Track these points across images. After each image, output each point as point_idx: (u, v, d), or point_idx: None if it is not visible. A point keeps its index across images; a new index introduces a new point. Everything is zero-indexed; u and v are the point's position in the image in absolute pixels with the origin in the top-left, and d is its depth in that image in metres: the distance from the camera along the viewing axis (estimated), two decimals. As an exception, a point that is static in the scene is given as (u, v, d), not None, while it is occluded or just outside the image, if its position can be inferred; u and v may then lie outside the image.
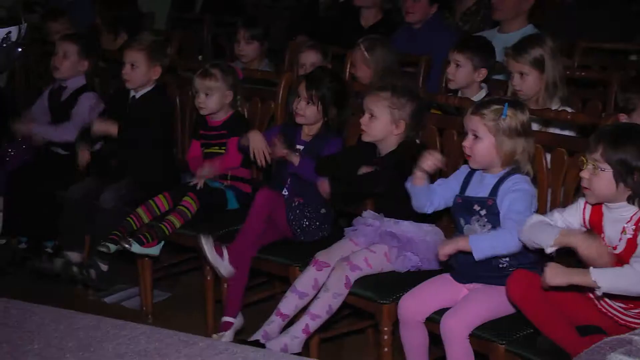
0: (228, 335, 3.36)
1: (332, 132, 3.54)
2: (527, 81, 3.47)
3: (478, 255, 2.72)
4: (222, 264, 3.41)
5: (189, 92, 4.20)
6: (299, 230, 3.45)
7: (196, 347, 1.44)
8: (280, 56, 4.92)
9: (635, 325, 2.47)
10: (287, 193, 3.54)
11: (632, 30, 4.91)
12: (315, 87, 3.50)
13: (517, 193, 2.77)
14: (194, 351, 1.43)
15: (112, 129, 3.93)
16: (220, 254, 3.41)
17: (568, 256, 2.63)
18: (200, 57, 5.40)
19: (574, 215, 2.65)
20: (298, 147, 3.55)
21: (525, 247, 2.72)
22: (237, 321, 3.41)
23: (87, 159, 4.07)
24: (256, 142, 3.57)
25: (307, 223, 3.44)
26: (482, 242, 2.73)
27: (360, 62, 4.17)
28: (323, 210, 3.47)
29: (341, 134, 3.55)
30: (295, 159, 3.47)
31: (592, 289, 2.45)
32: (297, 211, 3.44)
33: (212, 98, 3.81)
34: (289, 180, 3.55)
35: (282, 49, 4.91)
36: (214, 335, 3.36)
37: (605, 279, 2.40)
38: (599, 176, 2.47)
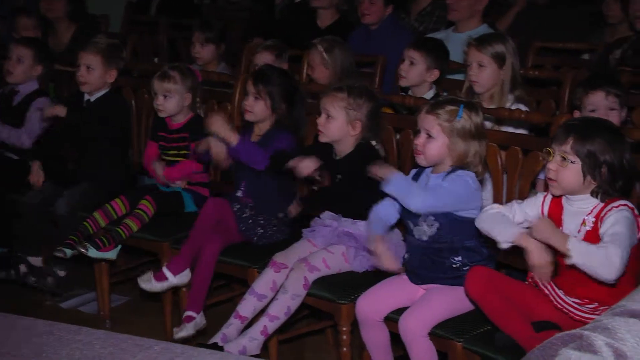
0: (189, 327, 3.31)
1: (283, 129, 3.49)
2: (484, 72, 3.52)
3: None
4: (174, 281, 3.43)
5: (144, 95, 4.18)
6: (255, 238, 3.44)
7: (152, 351, 1.43)
8: (236, 58, 4.91)
9: (589, 321, 2.50)
10: (242, 195, 3.52)
11: (585, 30, 4.98)
12: (263, 82, 3.47)
13: (458, 178, 2.79)
14: (149, 355, 1.42)
15: (61, 111, 3.88)
16: (164, 277, 3.41)
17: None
18: (156, 60, 5.36)
19: (532, 208, 2.67)
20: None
21: (474, 236, 2.77)
22: (199, 318, 3.37)
23: (41, 178, 4.04)
24: (217, 147, 3.53)
25: (261, 231, 3.44)
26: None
27: (318, 63, 4.18)
28: (281, 215, 3.45)
29: (293, 132, 3.51)
30: (234, 138, 3.38)
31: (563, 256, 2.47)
32: (250, 221, 3.43)
33: (171, 100, 3.78)
34: (243, 182, 3.54)
35: (239, 51, 4.90)
36: (175, 329, 3.33)
37: (579, 251, 2.41)
38: (567, 168, 2.49)
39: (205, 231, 3.36)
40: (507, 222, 2.64)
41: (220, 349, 3.01)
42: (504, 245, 2.58)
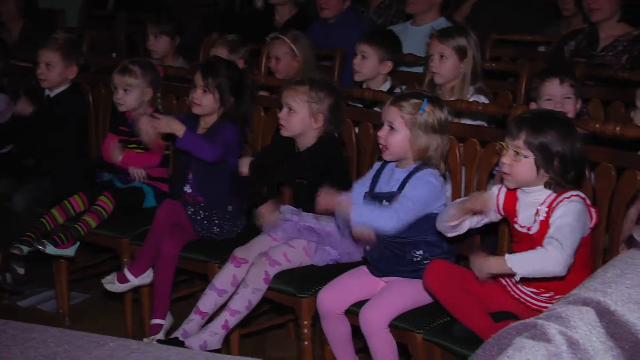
0: (160, 335, 3.30)
1: (230, 120, 3.46)
2: (445, 64, 3.53)
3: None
4: (136, 282, 3.42)
5: (101, 90, 4.14)
6: (213, 236, 3.43)
7: (107, 348, 1.42)
8: (196, 53, 4.88)
9: (546, 310, 2.54)
10: (190, 190, 3.51)
11: (541, 22, 5.03)
12: (211, 75, 3.45)
13: (421, 182, 2.81)
14: (104, 352, 1.41)
15: (26, 109, 3.83)
16: (126, 279, 3.40)
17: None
18: (114, 55, 5.32)
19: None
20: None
21: (438, 234, 2.78)
22: (166, 322, 3.37)
23: None
24: (146, 126, 3.48)
25: (217, 230, 3.43)
26: None
27: (285, 54, 4.16)
28: (230, 208, 3.44)
29: (239, 125, 3.49)
30: (180, 130, 3.36)
31: (512, 275, 2.50)
32: (205, 222, 3.41)
33: (131, 95, 3.75)
34: (190, 175, 3.51)
35: (198, 46, 4.88)
36: (145, 339, 3.31)
37: (520, 264, 2.45)
38: (521, 162, 2.51)
39: (162, 233, 3.34)
40: (449, 206, 2.70)
41: (181, 344, 3.00)
42: (451, 221, 2.63)
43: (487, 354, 1.39)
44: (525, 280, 2.56)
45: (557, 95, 3.23)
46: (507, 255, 2.48)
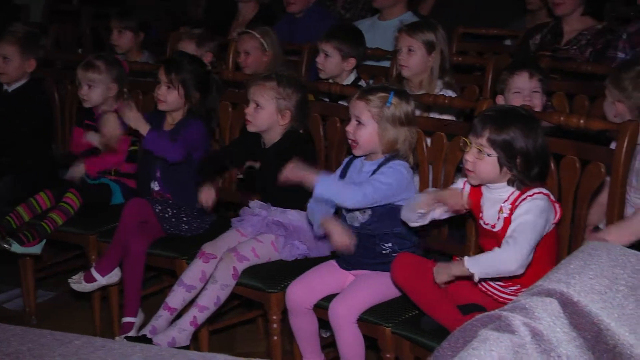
0: (131, 333, 3.28)
1: (194, 117, 3.45)
2: (413, 58, 3.55)
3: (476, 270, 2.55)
4: (103, 282, 3.40)
5: (67, 86, 4.10)
6: (181, 233, 3.42)
7: (72, 346, 1.40)
8: (162, 48, 4.86)
9: (514, 302, 2.56)
10: (157, 187, 3.49)
11: (508, 16, 5.07)
12: (175, 70, 3.43)
13: (391, 170, 2.81)
14: (69, 350, 1.39)
15: None
16: (93, 278, 3.38)
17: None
18: (80, 51, 5.27)
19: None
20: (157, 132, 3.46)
21: (407, 227, 2.79)
22: (138, 319, 3.35)
23: None
24: (111, 125, 3.46)
25: (186, 227, 3.41)
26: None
27: (255, 49, 4.14)
28: (198, 205, 3.43)
29: (205, 120, 3.48)
30: (144, 128, 3.35)
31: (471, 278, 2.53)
32: (173, 220, 3.40)
33: (96, 90, 3.73)
34: (157, 173, 3.50)
35: (165, 41, 4.85)
36: (117, 338, 3.29)
37: (477, 266, 2.48)
38: (484, 160, 2.52)
39: (129, 232, 3.32)
40: (418, 196, 2.72)
41: (149, 341, 2.98)
42: (419, 209, 2.64)
43: (452, 346, 1.40)
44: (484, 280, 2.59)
45: (525, 88, 3.26)
46: (466, 258, 2.51)
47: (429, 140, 3.10)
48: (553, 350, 1.33)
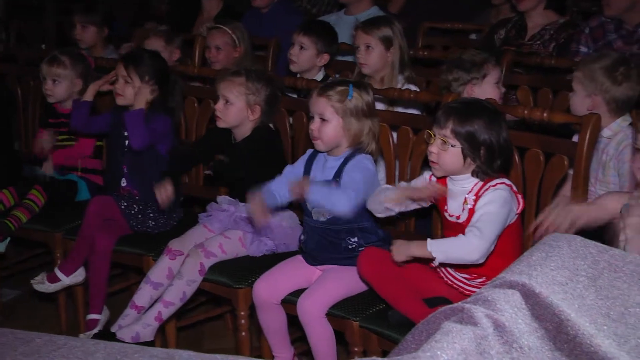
0: (96, 332, 3.27)
1: (160, 110, 3.44)
2: (371, 55, 3.56)
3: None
4: (67, 281, 3.38)
5: (30, 83, 4.06)
6: (148, 230, 3.40)
7: (33, 344, 1.39)
8: (127, 44, 4.82)
9: (479, 294, 2.58)
10: (125, 184, 3.47)
11: (473, 11, 5.10)
12: (133, 65, 3.43)
13: (359, 168, 2.81)
14: (31, 348, 1.38)
15: None
16: (57, 279, 3.36)
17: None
18: (43, 46, 5.21)
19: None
20: (126, 133, 3.44)
21: (370, 217, 2.79)
22: (102, 316, 3.33)
23: None
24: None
25: (153, 224, 3.39)
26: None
27: (226, 44, 4.12)
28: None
29: (169, 115, 3.47)
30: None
31: (431, 260, 2.53)
32: (140, 216, 3.38)
33: (60, 86, 3.71)
34: (124, 168, 3.48)
35: (129, 36, 4.82)
36: (81, 335, 3.27)
37: (439, 249, 2.49)
38: (448, 152, 2.54)
39: (93, 230, 3.30)
40: (389, 188, 2.72)
41: (112, 335, 2.97)
42: (393, 208, 2.65)
43: (416, 339, 1.41)
44: (454, 268, 2.60)
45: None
46: (429, 240, 2.52)
47: (394, 135, 3.11)
48: (515, 341, 1.34)
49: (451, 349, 1.28)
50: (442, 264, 2.56)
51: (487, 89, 3.26)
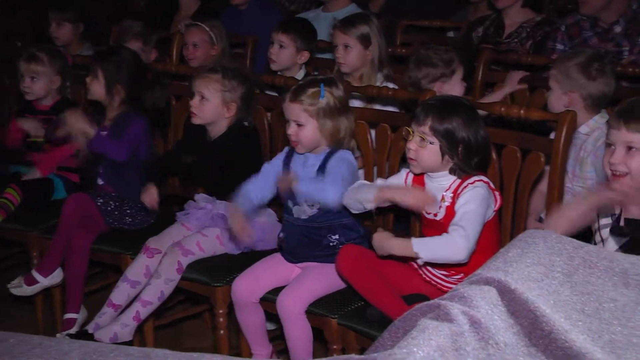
0: (73, 329, 3.24)
1: (134, 111, 3.43)
2: (350, 54, 3.56)
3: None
4: (45, 283, 3.35)
5: (6, 81, 4.03)
6: (126, 227, 3.38)
7: (7, 344, 1.38)
8: (103, 39, 4.80)
9: (457, 291, 2.59)
10: (102, 182, 3.46)
11: (451, 8, 5.11)
12: (100, 62, 3.42)
13: (342, 161, 2.82)
14: (5, 348, 1.37)
15: None
16: (34, 281, 3.33)
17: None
18: (19, 44, 5.17)
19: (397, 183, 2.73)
20: (102, 133, 3.43)
21: (350, 214, 2.79)
22: (80, 316, 3.31)
23: None
24: (78, 123, 3.43)
25: (129, 220, 3.38)
26: None
27: (204, 41, 4.12)
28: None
29: (147, 115, 3.46)
30: (90, 132, 3.34)
31: (414, 259, 2.54)
32: (116, 213, 3.36)
33: (39, 83, 3.70)
34: (101, 169, 3.46)
35: (106, 32, 4.80)
36: (58, 335, 3.25)
37: (425, 249, 2.49)
38: (426, 149, 2.55)
39: (70, 229, 3.28)
40: (368, 186, 2.72)
41: (90, 336, 2.95)
42: (369, 205, 2.64)
43: (392, 336, 1.41)
44: (432, 265, 2.61)
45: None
46: (413, 239, 2.51)
47: (373, 132, 3.12)
48: (491, 337, 1.35)
49: (427, 345, 1.29)
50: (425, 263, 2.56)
51: (455, 85, 3.30)
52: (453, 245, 2.46)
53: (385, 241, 2.54)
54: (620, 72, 3.45)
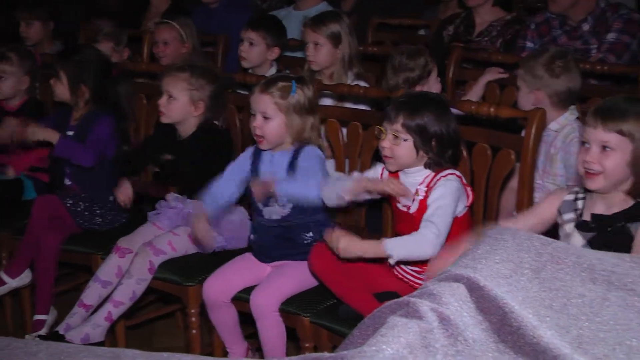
0: (43, 331, 3.23)
1: (101, 110, 3.41)
2: (320, 52, 3.57)
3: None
4: (14, 284, 3.34)
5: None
6: (96, 227, 3.36)
7: (-26, 346, 1.37)
8: (75, 38, 4.76)
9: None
10: (70, 183, 3.44)
11: (422, 7, 5.13)
12: (61, 62, 3.40)
13: (313, 157, 2.82)
14: (-29, 350, 1.36)
15: None
16: (2, 282, 3.32)
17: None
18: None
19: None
20: (69, 133, 3.41)
21: (323, 210, 2.80)
22: (50, 317, 3.29)
23: None
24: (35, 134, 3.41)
25: (100, 220, 3.36)
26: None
27: (174, 39, 4.11)
28: (112, 198, 3.37)
29: (113, 114, 3.44)
30: (54, 138, 3.32)
31: (386, 259, 2.54)
32: (86, 213, 3.34)
33: (7, 82, 3.68)
34: (68, 169, 3.43)
35: (77, 31, 4.76)
36: (27, 336, 3.22)
37: (397, 249, 2.49)
38: (401, 146, 2.56)
39: (39, 230, 3.25)
40: (344, 178, 2.74)
41: (62, 337, 2.93)
42: (347, 197, 2.64)
43: (362, 334, 1.41)
44: (404, 262, 2.62)
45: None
46: (385, 240, 2.52)
47: (344, 131, 3.12)
48: (460, 334, 1.36)
49: (396, 342, 1.29)
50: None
51: (432, 84, 3.32)
52: (425, 242, 2.47)
53: (352, 243, 2.53)
54: (588, 69, 3.49)
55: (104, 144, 3.36)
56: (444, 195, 2.53)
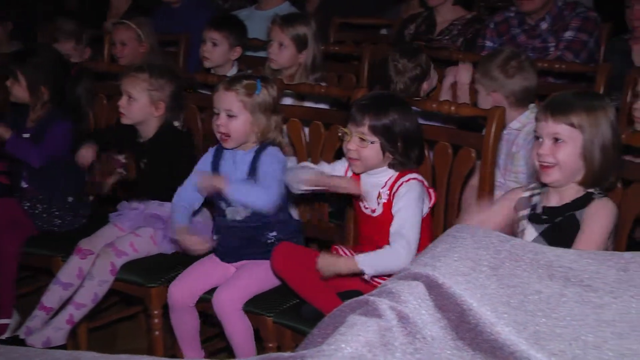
0: (6, 334, 3.19)
1: (58, 111, 3.38)
2: (283, 53, 3.58)
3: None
4: None
5: None
6: (55, 228, 3.33)
7: None
8: (35, 39, 4.71)
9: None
10: (26, 185, 3.40)
11: (384, 6, 5.15)
12: (19, 64, 3.37)
13: (273, 159, 2.82)
14: None
15: None
16: None
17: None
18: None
19: (340, 171, 2.75)
20: (25, 135, 3.38)
21: (285, 208, 2.81)
22: (12, 321, 3.26)
23: None
24: None
25: (59, 222, 3.33)
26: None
27: (132, 39, 4.08)
28: (70, 199, 3.34)
29: (71, 117, 3.41)
30: (5, 134, 3.30)
31: (361, 274, 2.56)
32: (44, 215, 3.31)
33: None
34: (24, 171, 3.40)
35: (39, 31, 4.71)
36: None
37: (370, 265, 2.51)
38: (367, 148, 2.56)
39: None
40: (307, 167, 2.74)
41: (22, 342, 2.90)
42: (301, 186, 2.65)
43: (322, 333, 1.41)
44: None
45: None
46: (357, 257, 2.54)
47: (306, 130, 3.12)
48: (418, 332, 1.36)
49: (355, 341, 1.30)
50: (367, 243, 2.58)
51: (433, 77, 3.47)
52: (396, 257, 2.50)
53: (331, 261, 2.56)
54: (546, 68, 3.53)
55: (58, 146, 3.32)
56: (409, 204, 2.55)
